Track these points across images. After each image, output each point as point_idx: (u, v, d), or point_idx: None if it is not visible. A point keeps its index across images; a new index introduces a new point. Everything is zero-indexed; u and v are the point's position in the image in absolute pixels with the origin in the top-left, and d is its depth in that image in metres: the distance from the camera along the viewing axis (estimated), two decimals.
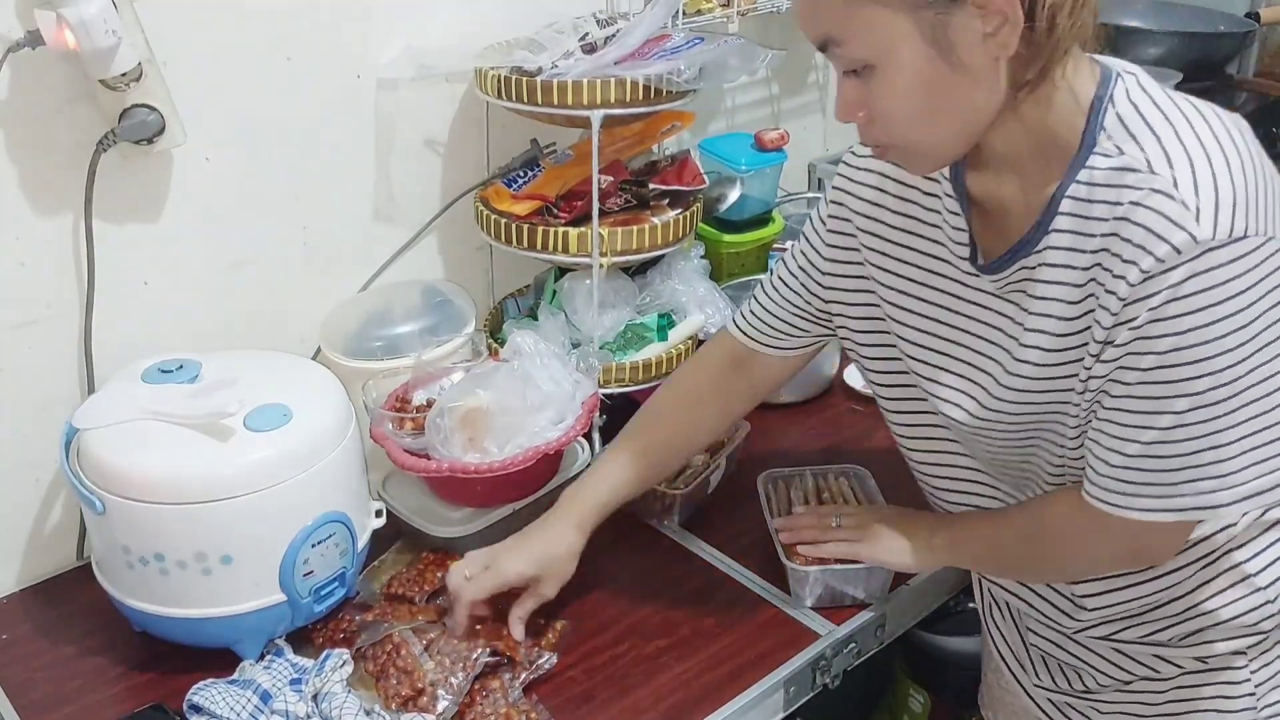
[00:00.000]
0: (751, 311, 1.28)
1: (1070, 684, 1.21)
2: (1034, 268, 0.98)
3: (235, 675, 1.18)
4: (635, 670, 1.23)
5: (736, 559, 1.39)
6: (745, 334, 1.28)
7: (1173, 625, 1.11)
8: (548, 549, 1.24)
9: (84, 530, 1.42)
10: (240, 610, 1.18)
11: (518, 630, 1.22)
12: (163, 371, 1.25)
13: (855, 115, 0.95)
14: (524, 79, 1.42)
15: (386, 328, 1.52)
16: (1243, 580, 1.07)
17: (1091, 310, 0.95)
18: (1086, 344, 0.96)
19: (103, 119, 1.29)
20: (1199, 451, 0.92)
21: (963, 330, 1.08)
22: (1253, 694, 1.11)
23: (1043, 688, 1.24)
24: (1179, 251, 0.87)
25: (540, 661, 1.20)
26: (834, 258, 1.19)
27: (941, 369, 1.10)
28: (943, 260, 1.08)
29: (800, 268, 1.23)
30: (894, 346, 1.15)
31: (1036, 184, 0.97)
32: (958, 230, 1.05)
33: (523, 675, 1.19)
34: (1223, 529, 1.06)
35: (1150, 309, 0.89)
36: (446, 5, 1.56)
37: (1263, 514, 1.07)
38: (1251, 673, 1.11)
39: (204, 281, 1.45)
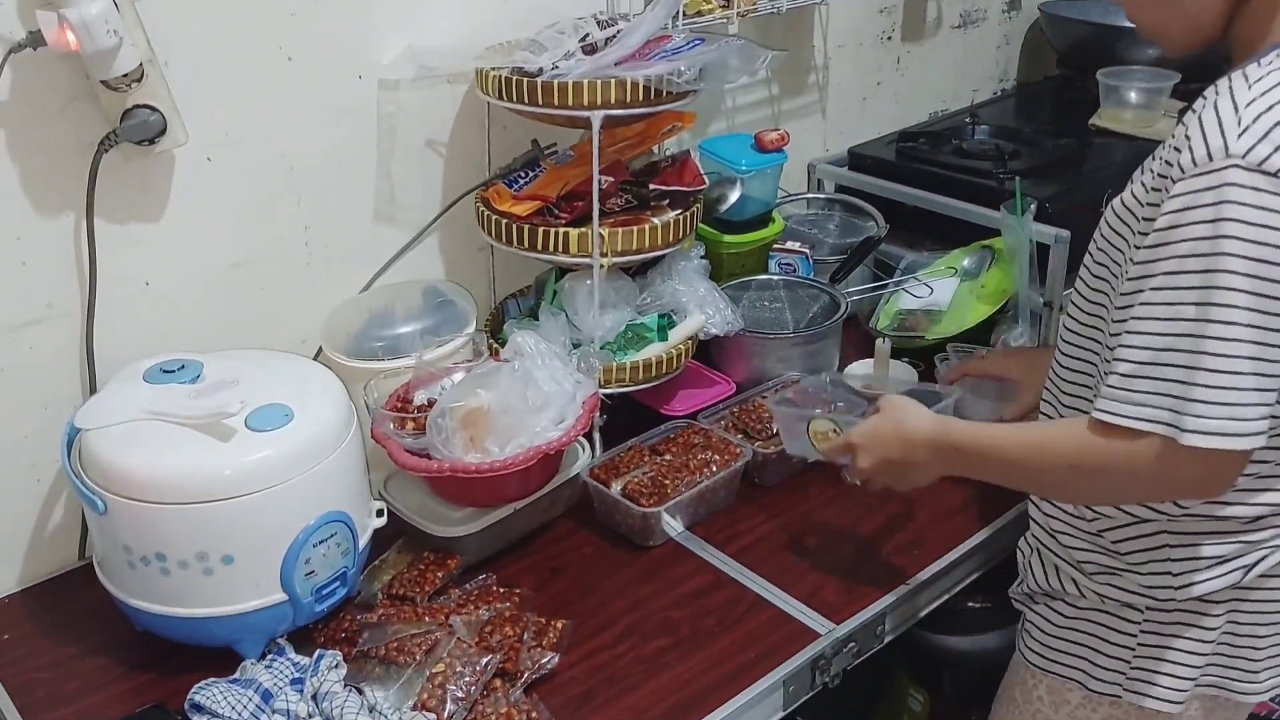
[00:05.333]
0: None
1: (1018, 588, 1.31)
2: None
3: (237, 675, 1.18)
4: (635, 670, 1.23)
5: (736, 559, 1.40)
6: None
7: (1093, 552, 1.17)
8: (1037, 366, 1.38)
9: (85, 530, 1.42)
10: (242, 610, 1.18)
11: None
12: (164, 371, 1.25)
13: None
14: (525, 80, 1.42)
15: (388, 328, 1.52)
16: (1161, 548, 1.11)
17: (1139, 194, 1.01)
18: (1130, 224, 1.02)
19: (104, 119, 1.29)
20: (1191, 369, 0.94)
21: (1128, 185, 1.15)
22: (1132, 649, 1.17)
23: (1013, 595, 1.34)
24: (1210, 158, 0.91)
25: (542, 661, 1.21)
26: None
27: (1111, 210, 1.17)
28: None
29: None
30: None
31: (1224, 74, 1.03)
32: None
33: (524, 675, 1.19)
34: (1167, 514, 1.10)
35: (1172, 212, 0.93)
36: (448, 6, 1.56)
37: (1204, 510, 1.09)
38: (1141, 632, 1.16)
39: (206, 281, 1.46)
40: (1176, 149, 0.95)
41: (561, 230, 1.48)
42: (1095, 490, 1.10)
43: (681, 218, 1.55)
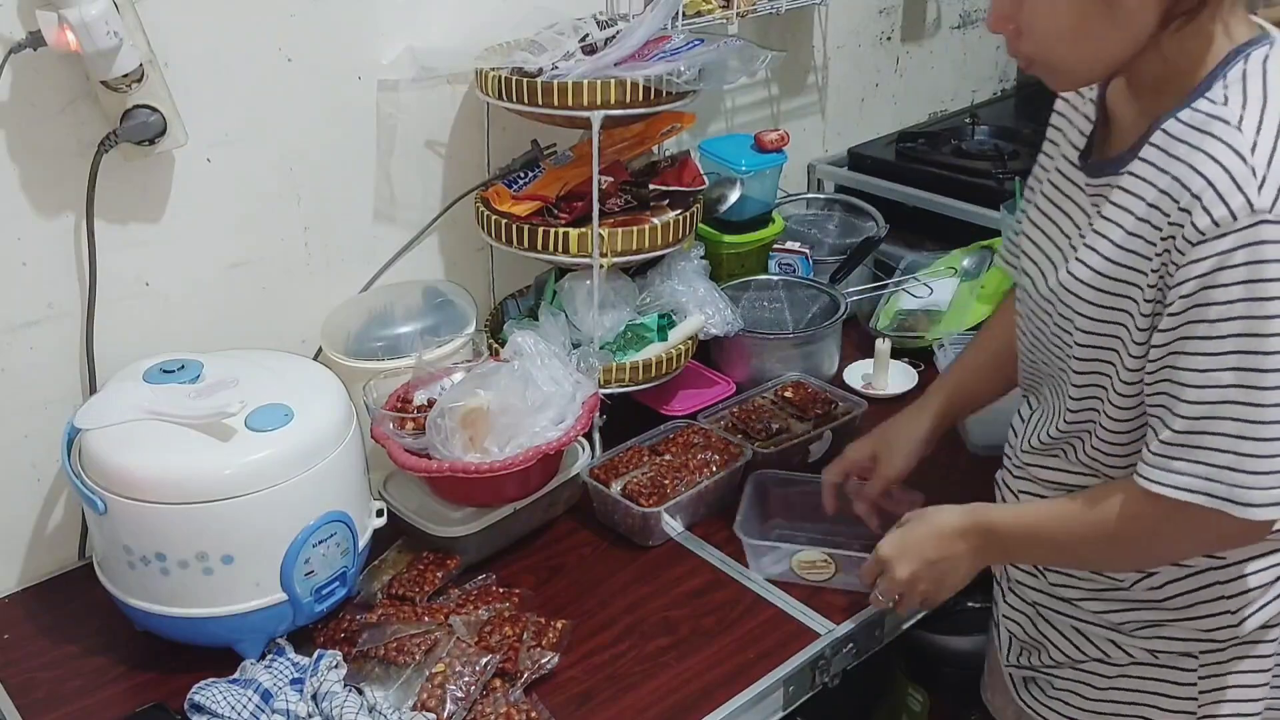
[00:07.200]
0: (1006, 256, 1.31)
1: (1032, 660, 1.23)
2: (1113, 187, 1.00)
3: (236, 675, 1.18)
4: (635, 670, 1.23)
5: (737, 559, 1.40)
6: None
7: (1132, 610, 1.12)
8: (891, 430, 1.36)
9: (85, 530, 1.42)
10: (241, 610, 1.18)
11: (861, 507, 1.36)
12: (164, 371, 1.25)
13: (1006, 27, 0.98)
14: (525, 80, 1.42)
15: (388, 328, 1.52)
16: (1212, 585, 1.07)
17: (1139, 250, 0.96)
18: (1136, 283, 0.97)
19: (104, 120, 1.29)
20: (1240, 438, 0.91)
21: (1052, 215, 1.11)
22: (1194, 699, 1.12)
23: (1013, 665, 1.26)
24: (1234, 217, 0.87)
25: (542, 661, 1.21)
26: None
27: (1030, 240, 1.14)
28: (1060, 156, 1.12)
29: (1029, 188, 1.25)
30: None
31: (1149, 111, 0.99)
32: (1082, 134, 1.09)
33: (524, 675, 1.19)
34: (1215, 555, 1.06)
35: (1200, 275, 0.90)
36: (447, 7, 1.56)
37: None
38: (1199, 678, 1.11)
39: (206, 282, 1.46)
40: (1184, 209, 0.91)
41: (561, 230, 1.48)
42: (1137, 558, 1.07)
43: (681, 218, 1.55)
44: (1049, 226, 1.11)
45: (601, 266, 1.50)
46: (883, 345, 1.74)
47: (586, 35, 1.53)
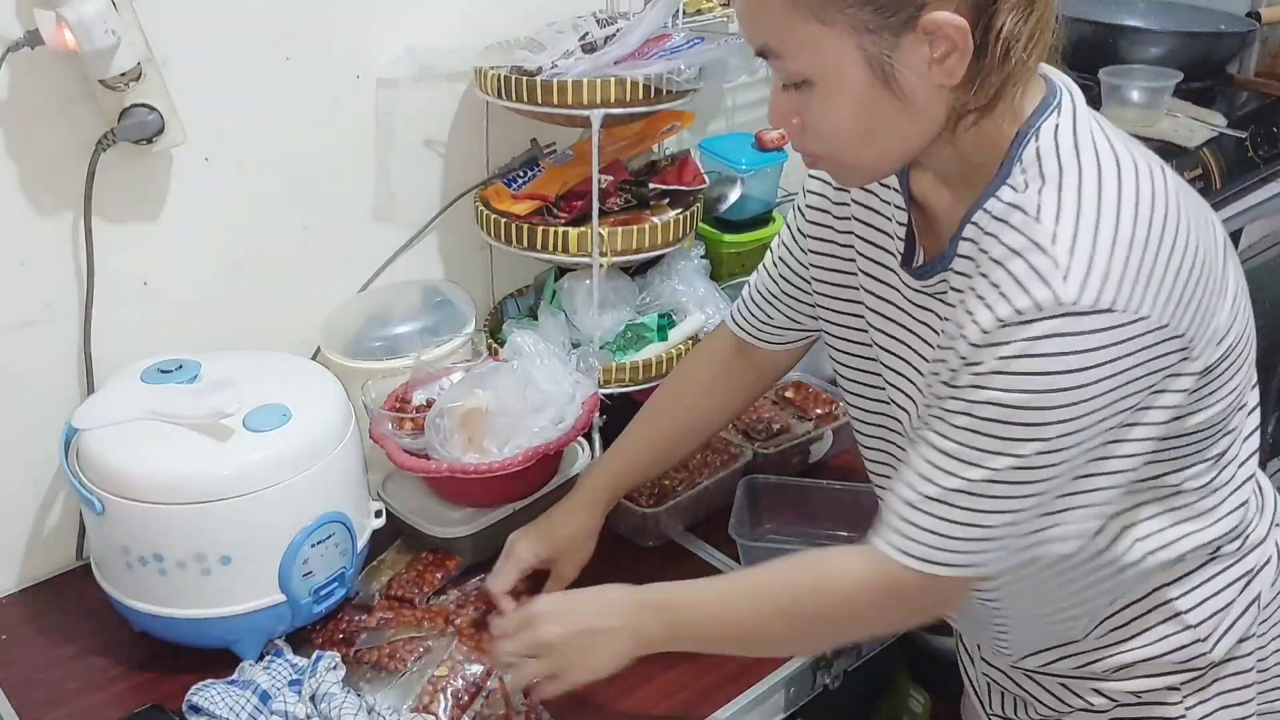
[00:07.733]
0: (746, 307, 1.27)
1: (1017, 712, 1.20)
2: (944, 282, 0.97)
3: (234, 676, 1.18)
4: (635, 670, 1.22)
5: (737, 559, 1.39)
6: (743, 329, 1.27)
7: (1104, 658, 1.08)
8: (561, 529, 1.27)
9: (83, 530, 1.42)
10: (239, 611, 1.18)
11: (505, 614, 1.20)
12: (162, 371, 1.25)
13: (789, 122, 0.93)
14: (524, 78, 1.42)
15: (386, 328, 1.52)
16: (1173, 617, 1.04)
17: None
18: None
19: (102, 119, 1.29)
20: (997, 513, 0.89)
21: (904, 326, 1.06)
22: None
23: (998, 715, 1.23)
24: (1040, 307, 0.83)
25: None
26: (815, 249, 1.16)
27: (898, 358, 1.07)
28: (889, 258, 1.06)
29: (781, 259, 1.21)
30: (865, 333, 1.12)
31: (960, 200, 0.95)
32: (900, 226, 1.04)
33: None
34: (1158, 566, 1.02)
35: (1000, 357, 0.86)
36: (447, 5, 1.56)
37: (1194, 550, 1.02)
38: (1187, 709, 1.08)
39: (204, 281, 1.45)
40: (990, 303, 0.87)
41: (561, 230, 1.48)
42: (846, 631, 1.07)
43: (681, 217, 1.54)
44: (905, 337, 1.06)
45: (601, 266, 1.49)
46: None
47: (586, 33, 1.52)
